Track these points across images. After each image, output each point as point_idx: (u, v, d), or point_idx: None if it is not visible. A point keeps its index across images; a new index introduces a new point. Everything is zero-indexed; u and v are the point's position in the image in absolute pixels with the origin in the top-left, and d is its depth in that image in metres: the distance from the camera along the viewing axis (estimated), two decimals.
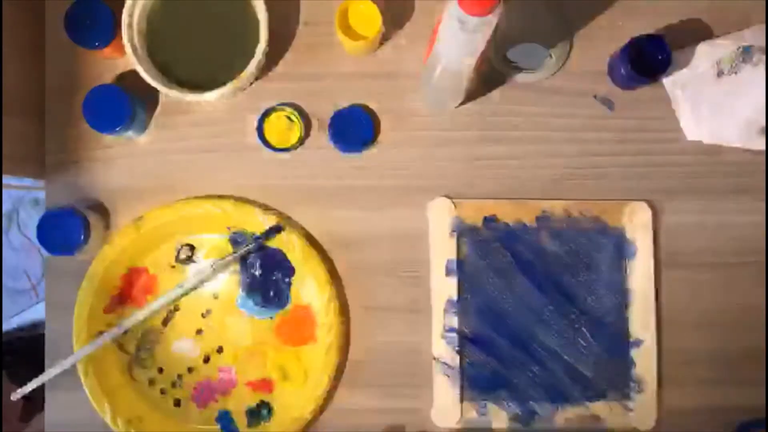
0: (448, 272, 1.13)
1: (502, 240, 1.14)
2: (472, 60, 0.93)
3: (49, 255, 1.09)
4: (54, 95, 1.14)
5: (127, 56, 1.07)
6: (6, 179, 1.08)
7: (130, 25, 1.07)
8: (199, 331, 1.14)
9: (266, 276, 1.13)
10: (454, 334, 1.12)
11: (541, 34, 1.13)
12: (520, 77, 1.14)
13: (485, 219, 1.14)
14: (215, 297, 1.14)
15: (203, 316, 1.14)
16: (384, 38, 1.14)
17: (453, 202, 1.13)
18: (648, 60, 1.08)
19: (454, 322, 1.13)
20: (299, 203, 1.14)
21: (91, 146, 1.14)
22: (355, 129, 1.12)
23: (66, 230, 1.07)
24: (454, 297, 1.13)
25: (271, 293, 1.13)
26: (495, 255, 1.14)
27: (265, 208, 1.13)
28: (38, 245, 1.09)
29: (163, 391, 1.14)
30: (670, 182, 1.14)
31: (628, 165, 1.14)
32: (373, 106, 1.14)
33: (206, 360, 1.14)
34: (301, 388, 1.12)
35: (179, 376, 1.14)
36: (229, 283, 1.14)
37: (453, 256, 1.13)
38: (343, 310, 1.13)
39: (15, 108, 1.08)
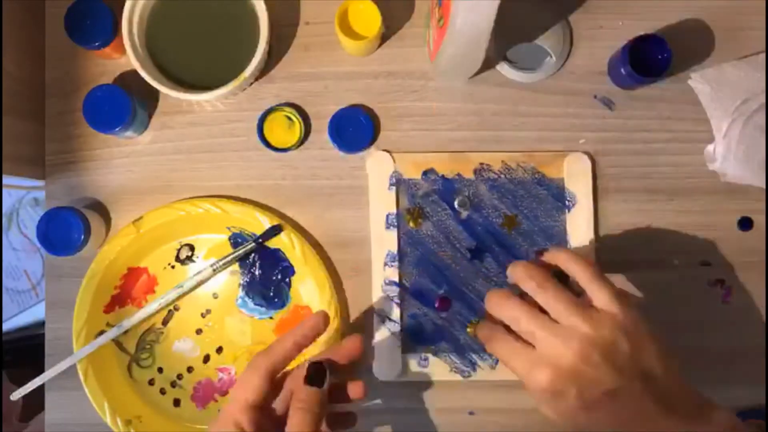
0: (388, 225, 1.13)
1: (440, 192, 1.14)
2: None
3: (49, 255, 1.09)
4: (54, 95, 1.15)
5: (127, 56, 1.07)
6: (6, 179, 1.08)
7: (130, 25, 1.07)
8: (198, 331, 1.14)
9: (266, 276, 1.13)
10: (394, 287, 1.13)
11: (541, 34, 1.13)
12: (520, 77, 1.14)
13: (424, 172, 1.14)
14: (215, 297, 1.14)
15: (203, 316, 1.14)
16: (384, 38, 1.14)
17: (392, 156, 1.13)
18: (648, 60, 1.08)
19: (394, 274, 1.13)
20: (299, 203, 1.14)
21: (91, 146, 1.14)
22: (355, 129, 1.12)
23: (66, 230, 1.07)
24: (394, 250, 1.13)
25: (271, 293, 1.13)
26: (433, 207, 1.14)
27: (265, 208, 1.13)
28: (38, 245, 1.08)
29: (162, 391, 1.14)
30: (671, 182, 1.14)
31: (627, 165, 1.14)
32: (373, 106, 1.14)
33: (206, 360, 1.14)
34: None
35: (179, 376, 1.14)
36: (228, 283, 1.14)
37: (392, 209, 1.13)
38: (343, 311, 1.13)
39: (15, 108, 1.08)
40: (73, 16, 1.07)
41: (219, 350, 1.14)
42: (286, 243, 1.11)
